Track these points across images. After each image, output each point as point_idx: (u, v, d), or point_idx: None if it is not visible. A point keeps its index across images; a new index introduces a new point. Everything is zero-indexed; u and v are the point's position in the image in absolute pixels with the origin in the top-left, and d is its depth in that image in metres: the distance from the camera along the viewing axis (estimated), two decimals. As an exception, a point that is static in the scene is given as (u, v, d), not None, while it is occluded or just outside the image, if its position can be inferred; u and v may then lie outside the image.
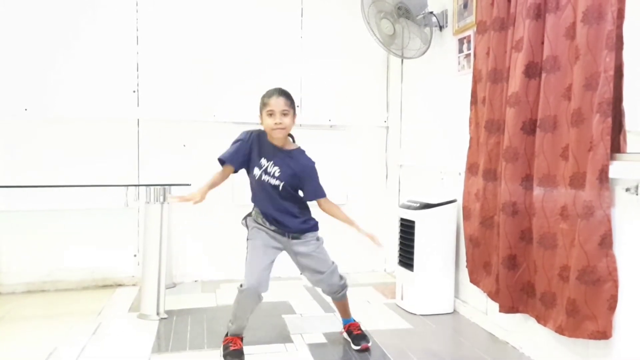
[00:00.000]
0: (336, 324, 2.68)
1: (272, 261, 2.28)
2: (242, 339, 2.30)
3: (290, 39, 3.68)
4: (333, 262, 2.41)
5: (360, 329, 2.44)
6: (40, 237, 3.29)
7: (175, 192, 3.13)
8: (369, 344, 2.35)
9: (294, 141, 2.36)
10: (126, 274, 3.45)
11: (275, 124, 2.17)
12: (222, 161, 2.30)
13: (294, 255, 2.34)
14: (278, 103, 2.17)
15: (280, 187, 2.24)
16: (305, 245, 2.32)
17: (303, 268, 2.38)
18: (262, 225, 2.31)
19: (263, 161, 2.25)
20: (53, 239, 3.31)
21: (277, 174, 2.22)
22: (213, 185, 2.29)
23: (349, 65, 3.79)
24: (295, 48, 3.70)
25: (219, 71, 3.55)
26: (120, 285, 3.42)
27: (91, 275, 3.39)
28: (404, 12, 3.04)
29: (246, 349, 2.32)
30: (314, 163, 2.31)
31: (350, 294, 3.26)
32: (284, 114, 2.18)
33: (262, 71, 3.58)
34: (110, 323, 2.67)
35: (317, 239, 2.37)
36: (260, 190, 2.28)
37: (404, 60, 3.62)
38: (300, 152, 2.32)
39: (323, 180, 3.69)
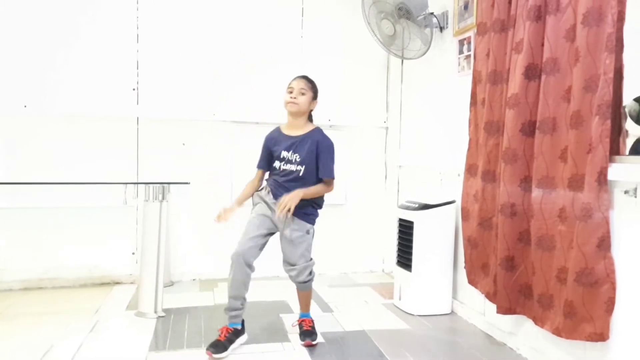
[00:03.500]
0: (334, 324, 2.68)
1: (265, 234, 2.37)
2: (234, 331, 2.32)
3: (291, 39, 3.68)
4: (311, 259, 2.47)
5: (310, 326, 2.46)
6: (38, 234, 3.29)
7: (174, 191, 3.14)
8: (314, 342, 2.39)
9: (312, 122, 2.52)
10: (124, 271, 3.44)
11: (291, 97, 2.38)
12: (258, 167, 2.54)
13: (282, 235, 2.41)
14: (298, 83, 2.42)
15: (302, 172, 2.37)
16: (292, 230, 2.38)
17: (283, 253, 2.44)
18: (265, 200, 2.42)
19: (284, 154, 2.39)
20: (51, 236, 3.30)
21: (297, 160, 2.38)
22: (247, 195, 2.49)
23: (349, 66, 3.79)
24: (295, 48, 3.70)
25: (219, 70, 3.55)
26: (118, 283, 3.42)
27: (89, 273, 3.39)
28: (404, 13, 3.04)
29: (243, 348, 2.33)
30: (330, 142, 2.46)
31: (348, 293, 3.28)
32: (302, 93, 2.40)
33: (262, 70, 3.59)
34: (108, 321, 2.67)
35: (308, 232, 2.43)
36: (281, 177, 2.40)
37: (404, 60, 3.62)
38: (317, 131, 2.47)
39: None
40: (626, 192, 1.75)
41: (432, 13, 3.08)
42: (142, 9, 3.40)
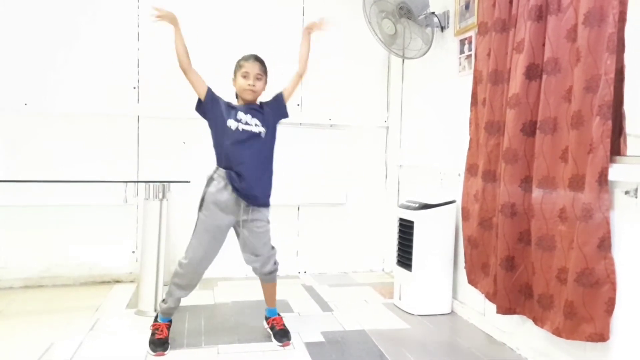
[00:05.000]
0: (334, 323, 2.68)
1: (220, 244, 2.38)
2: (169, 326, 2.37)
3: (291, 38, 3.67)
4: (273, 247, 2.46)
5: (283, 324, 2.45)
6: (39, 232, 3.29)
7: (174, 190, 3.14)
8: (290, 342, 2.39)
9: None
10: (124, 270, 3.45)
11: (249, 85, 2.31)
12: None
13: (242, 228, 2.37)
14: (254, 67, 2.32)
15: (264, 134, 2.33)
16: (256, 220, 2.35)
17: (245, 245, 2.41)
18: (220, 195, 2.32)
19: (240, 115, 2.33)
20: (51, 234, 3.30)
21: (258, 123, 2.34)
22: (182, 40, 2.47)
23: (349, 65, 3.79)
24: (296, 46, 3.67)
25: (219, 69, 3.53)
26: (118, 281, 3.42)
27: (89, 271, 3.39)
28: (405, 12, 3.04)
29: (243, 347, 2.33)
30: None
31: (348, 293, 3.28)
32: (258, 78, 2.34)
33: (262, 69, 3.58)
34: (108, 319, 2.67)
35: (268, 221, 2.41)
36: (236, 145, 2.30)
37: (405, 60, 3.62)
38: (266, 102, 2.46)
39: (322, 180, 3.73)
40: (627, 192, 1.75)
41: (433, 12, 3.07)
42: (142, 8, 3.40)
